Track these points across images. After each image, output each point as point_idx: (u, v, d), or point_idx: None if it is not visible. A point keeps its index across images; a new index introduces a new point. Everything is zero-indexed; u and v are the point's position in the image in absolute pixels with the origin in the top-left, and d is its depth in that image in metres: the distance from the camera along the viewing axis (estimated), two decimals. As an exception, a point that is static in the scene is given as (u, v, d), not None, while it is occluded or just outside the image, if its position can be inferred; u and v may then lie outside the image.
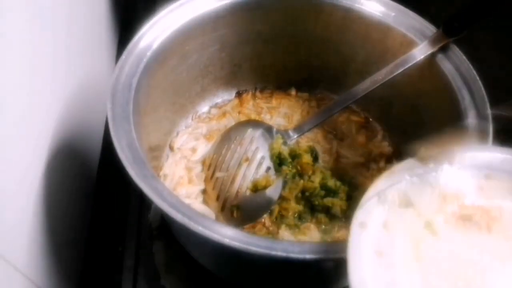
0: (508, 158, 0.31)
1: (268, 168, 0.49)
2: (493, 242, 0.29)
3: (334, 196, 0.47)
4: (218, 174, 0.49)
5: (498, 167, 0.31)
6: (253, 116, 0.56)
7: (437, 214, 0.29)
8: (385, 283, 0.27)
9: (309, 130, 0.52)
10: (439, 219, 0.29)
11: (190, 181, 0.50)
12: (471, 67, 0.43)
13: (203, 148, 0.52)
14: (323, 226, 0.47)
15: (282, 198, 0.48)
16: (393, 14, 0.48)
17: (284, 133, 0.51)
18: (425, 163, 0.31)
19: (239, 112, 0.56)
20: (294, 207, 0.47)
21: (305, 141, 0.53)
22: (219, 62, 0.54)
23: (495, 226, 0.29)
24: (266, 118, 0.56)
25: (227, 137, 0.51)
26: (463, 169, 0.31)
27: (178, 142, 0.53)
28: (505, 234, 0.29)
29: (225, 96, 0.58)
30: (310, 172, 0.49)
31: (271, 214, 0.47)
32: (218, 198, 0.48)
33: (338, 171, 0.51)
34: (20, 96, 0.38)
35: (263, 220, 0.47)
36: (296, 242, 0.44)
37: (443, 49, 0.45)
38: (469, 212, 0.30)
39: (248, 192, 0.48)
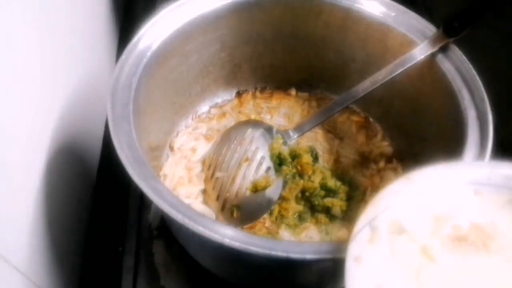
0: (493, 173, 0.31)
1: (268, 168, 0.49)
2: (492, 261, 0.28)
3: (334, 196, 0.48)
4: (218, 174, 0.49)
5: (485, 182, 0.30)
6: (253, 116, 0.56)
7: (432, 238, 0.29)
8: None
9: (309, 130, 0.51)
10: (435, 243, 0.29)
11: (190, 181, 0.50)
12: (471, 67, 0.43)
13: (203, 148, 0.52)
14: (323, 226, 0.47)
15: (282, 198, 0.48)
16: (393, 14, 0.48)
17: (284, 133, 0.51)
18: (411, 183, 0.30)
19: (239, 112, 0.56)
20: (294, 207, 0.47)
21: (305, 141, 0.53)
22: (219, 62, 0.54)
23: (492, 245, 0.28)
24: (266, 118, 0.56)
25: (227, 137, 0.51)
26: (451, 187, 0.30)
27: (178, 142, 0.53)
28: (503, 252, 0.28)
29: (225, 96, 0.58)
30: (310, 172, 0.49)
31: (271, 214, 0.47)
32: (218, 198, 0.48)
33: (338, 171, 0.51)
34: (20, 96, 0.38)
35: (263, 220, 0.47)
36: (296, 242, 0.44)
37: (443, 49, 0.45)
38: (464, 233, 0.29)
39: (248, 192, 0.48)
